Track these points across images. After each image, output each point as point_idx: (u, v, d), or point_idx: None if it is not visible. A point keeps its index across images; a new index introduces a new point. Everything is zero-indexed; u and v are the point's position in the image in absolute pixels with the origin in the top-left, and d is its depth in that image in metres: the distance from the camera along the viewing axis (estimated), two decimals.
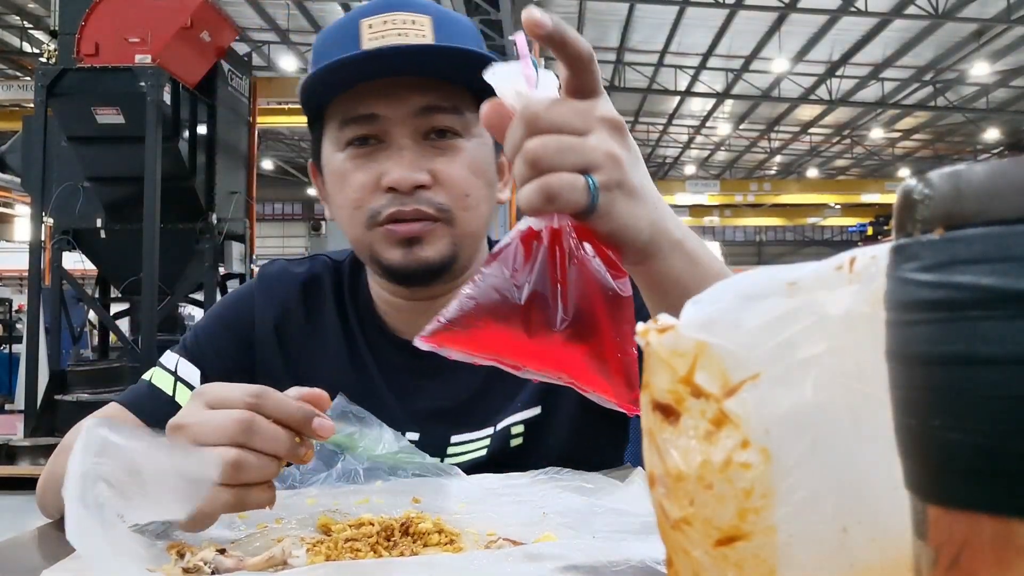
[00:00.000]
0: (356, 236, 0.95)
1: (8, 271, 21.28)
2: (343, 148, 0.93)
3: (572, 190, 0.57)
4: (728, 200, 23.40)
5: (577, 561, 0.56)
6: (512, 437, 0.98)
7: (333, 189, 0.97)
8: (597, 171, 0.58)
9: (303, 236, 29.81)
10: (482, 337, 0.58)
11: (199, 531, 0.67)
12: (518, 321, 0.57)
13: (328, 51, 0.91)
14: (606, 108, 0.61)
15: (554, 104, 0.59)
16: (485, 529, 0.70)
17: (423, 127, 0.91)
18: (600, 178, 0.58)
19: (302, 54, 16.05)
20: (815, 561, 0.35)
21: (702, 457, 0.35)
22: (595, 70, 0.60)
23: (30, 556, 0.72)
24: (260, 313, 1.04)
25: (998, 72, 16.34)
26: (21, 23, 14.89)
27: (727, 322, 0.36)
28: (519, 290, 0.57)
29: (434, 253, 0.92)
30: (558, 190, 0.57)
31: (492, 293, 0.57)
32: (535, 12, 0.57)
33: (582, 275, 0.58)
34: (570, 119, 0.58)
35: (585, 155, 0.58)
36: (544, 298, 0.58)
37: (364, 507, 0.76)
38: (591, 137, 0.59)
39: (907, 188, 0.29)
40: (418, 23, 0.91)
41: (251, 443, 0.66)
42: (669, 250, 0.62)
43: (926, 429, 0.27)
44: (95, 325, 8.30)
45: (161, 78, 5.94)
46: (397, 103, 0.90)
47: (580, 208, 0.57)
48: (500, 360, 0.58)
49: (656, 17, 14.29)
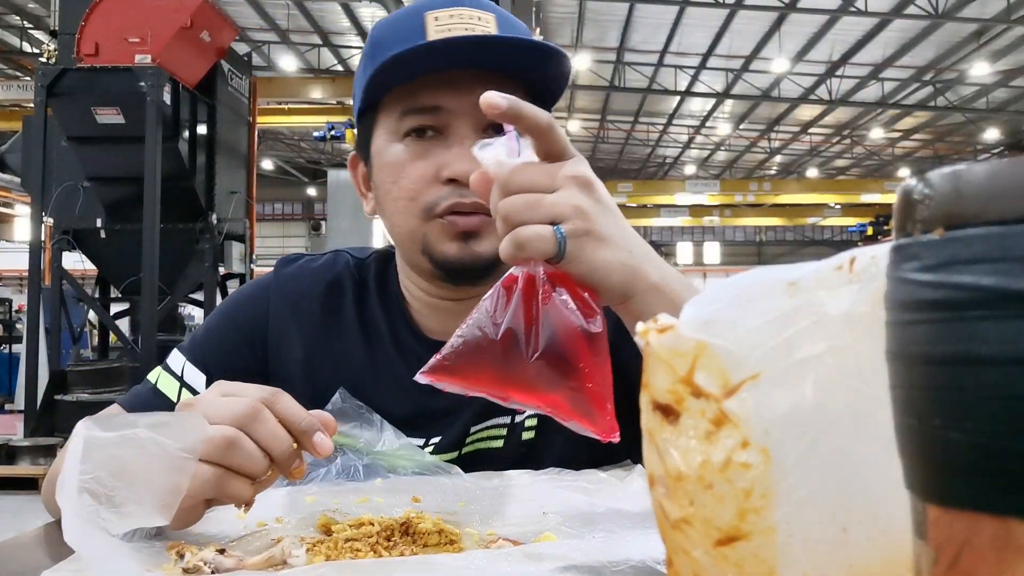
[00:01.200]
0: (410, 228, 0.94)
1: (8, 271, 21.30)
2: (401, 139, 0.93)
3: (539, 239, 0.65)
4: (728, 200, 23.39)
5: (577, 561, 0.56)
6: (525, 430, 0.98)
7: (385, 180, 0.95)
8: (564, 222, 0.66)
9: (303, 236, 29.83)
10: (471, 373, 0.66)
11: (185, 525, 0.68)
12: (498, 355, 0.65)
13: (391, 42, 0.91)
14: (574, 167, 0.68)
15: (524, 167, 0.68)
16: (485, 529, 0.70)
17: (484, 121, 0.90)
18: (567, 227, 0.66)
19: (302, 54, 16.06)
20: (815, 561, 0.35)
21: (702, 457, 0.35)
22: (558, 135, 0.69)
23: (30, 556, 0.72)
24: (275, 312, 1.02)
25: (998, 72, 16.34)
26: (21, 23, 14.90)
27: (727, 322, 0.36)
28: (496, 328, 0.66)
29: (489, 248, 0.91)
30: (526, 239, 0.65)
31: (476, 332, 0.66)
32: (491, 95, 0.66)
33: (551, 313, 0.66)
34: (538, 179, 0.67)
35: (551, 208, 0.66)
36: (516, 334, 0.65)
37: (364, 506, 0.76)
38: (558, 193, 0.67)
39: (907, 188, 0.29)
40: (484, 19, 0.91)
41: (251, 431, 0.67)
42: (645, 292, 0.68)
43: (926, 429, 0.27)
44: (95, 325, 8.31)
45: (161, 78, 5.95)
46: (461, 95, 0.90)
47: (549, 254, 0.65)
48: (489, 393, 0.66)
49: (656, 17, 14.30)
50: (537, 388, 0.66)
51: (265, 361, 1.02)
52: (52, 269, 6.48)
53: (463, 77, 0.90)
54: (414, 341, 1.01)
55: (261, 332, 1.02)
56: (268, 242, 27.80)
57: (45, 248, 6.56)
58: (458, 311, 0.95)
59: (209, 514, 0.71)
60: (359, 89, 0.95)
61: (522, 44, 0.90)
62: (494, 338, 0.65)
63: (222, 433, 0.66)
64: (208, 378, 0.99)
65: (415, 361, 0.99)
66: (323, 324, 1.02)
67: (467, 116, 0.91)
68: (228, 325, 1.04)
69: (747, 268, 0.41)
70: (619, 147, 23.77)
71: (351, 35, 15.44)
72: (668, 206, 24.83)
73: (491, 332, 0.66)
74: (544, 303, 0.66)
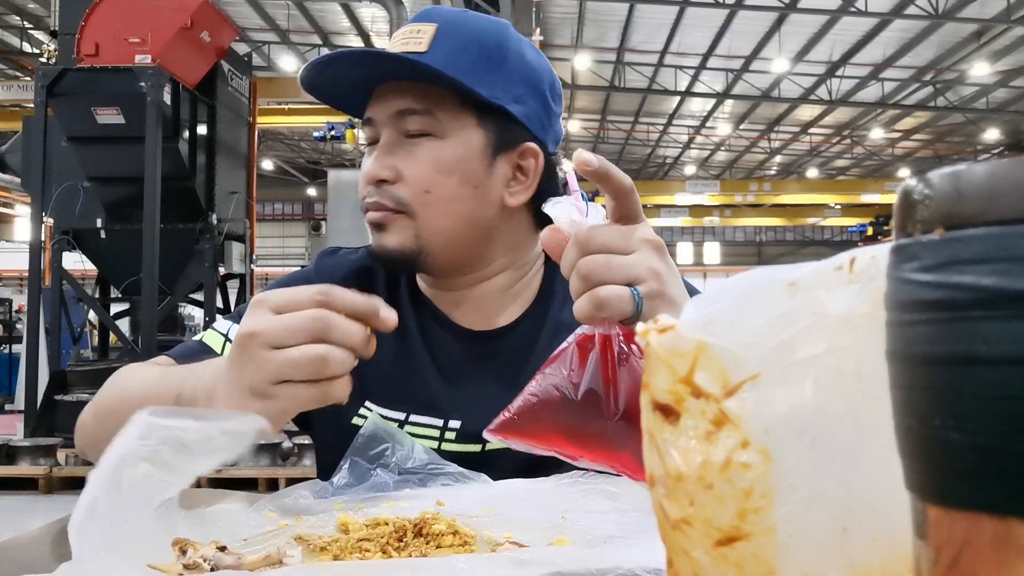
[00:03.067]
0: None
1: (8, 271, 21.30)
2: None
3: (620, 300, 0.68)
4: (728, 200, 23.40)
5: (563, 568, 0.56)
6: None
7: None
8: (641, 283, 0.69)
9: (303, 236, 29.84)
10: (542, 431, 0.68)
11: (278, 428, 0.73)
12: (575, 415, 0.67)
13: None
14: (647, 231, 0.72)
15: (602, 228, 0.71)
16: (504, 532, 0.70)
17: (400, 128, 0.98)
18: (643, 289, 0.69)
19: (302, 54, 16.05)
20: (815, 561, 0.35)
21: (702, 457, 0.35)
22: (636, 199, 0.72)
23: (30, 556, 0.72)
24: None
25: (998, 72, 16.34)
26: (21, 23, 14.90)
27: (727, 322, 0.36)
28: (575, 388, 0.67)
29: (394, 242, 0.98)
30: (607, 299, 0.68)
31: (552, 391, 0.68)
32: (584, 154, 0.69)
33: (631, 374, 0.67)
34: (616, 240, 0.71)
35: (630, 270, 0.69)
36: (597, 395, 0.67)
37: (390, 510, 0.76)
38: (635, 255, 0.70)
39: (907, 188, 0.29)
40: (422, 31, 0.97)
41: (331, 338, 0.70)
42: None
43: (926, 429, 0.27)
44: (95, 325, 8.31)
45: (161, 78, 5.95)
46: (382, 106, 0.99)
47: (627, 315, 0.68)
48: (559, 452, 0.69)
49: (656, 17, 14.30)
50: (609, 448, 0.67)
51: None
52: (52, 269, 6.48)
53: (387, 90, 0.98)
54: (437, 327, 1.06)
55: None
56: (268, 242, 27.81)
57: (45, 248, 6.56)
58: (458, 300, 1.05)
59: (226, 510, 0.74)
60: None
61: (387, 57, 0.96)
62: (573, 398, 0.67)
63: (314, 352, 0.69)
64: None
65: (439, 347, 1.06)
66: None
67: (386, 126, 0.98)
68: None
69: (747, 268, 0.41)
70: (619, 147, 23.77)
71: (351, 35, 15.44)
72: (668, 206, 24.83)
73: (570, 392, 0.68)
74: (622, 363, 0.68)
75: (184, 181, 6.35)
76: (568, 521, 0.72)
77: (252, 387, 0.72)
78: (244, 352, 0.72)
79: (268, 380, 0.71)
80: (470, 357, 1.04)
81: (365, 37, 15.16)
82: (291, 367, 0.70)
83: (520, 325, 1.04)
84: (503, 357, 1.02)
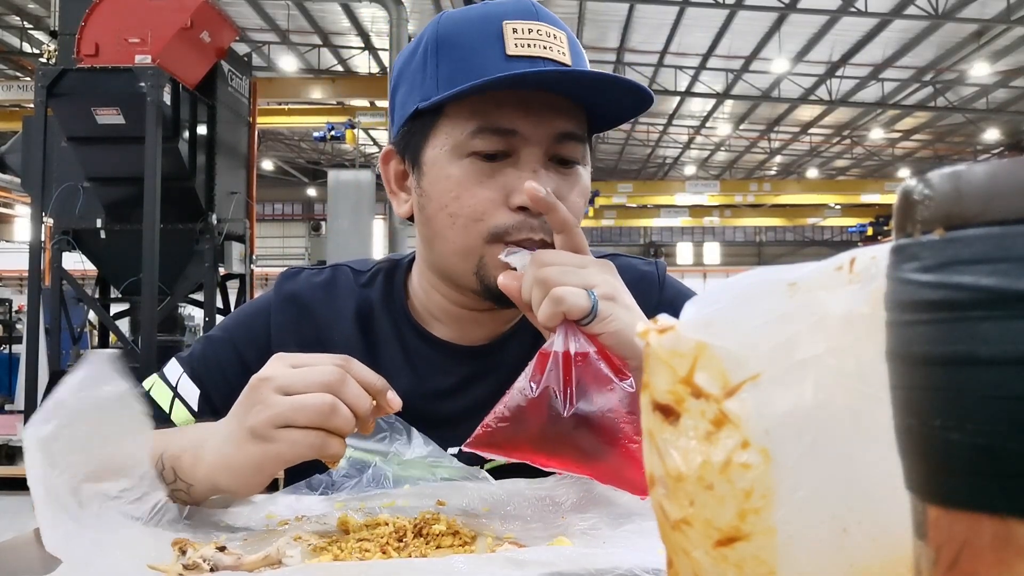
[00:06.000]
0: (466, 246, 0.90)
1: (8, 271, 21.28)
2: (465, 155, 0.89)
3: (575, 295, 0.74)
4: (728, 200, 23.37)
5: (563, 568, 0.56)
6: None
7: (441, 193, 0.91)
8: (595, 287, 0.75)
9: (303, 236, 29.80)
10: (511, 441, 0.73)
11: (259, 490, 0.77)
12: (537, 417, 0.72)
13: (470, 44, 0.88)
14: (595, 258, 0.81)
15: (556, 250, 0.81)
16: (504, 531, 0.70)
17: (552, 151, 0.89)
18: (598, 291, 0.75)
19: (302, 54, 16.05)
20: (815, 561, 0.35)
21: (702, 458, 0.35)
22: (580, 234, 0.81)
23: (30, 556, 0.72)
24: (277, 331, 1.01)
25: (998, 72, 16.33)
26: (21, 23, 14.88)
27: (727, 322, 0.36)
28: (534, 389, 0.73)
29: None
30: (563, 295, 0.74)
31: (516, 395, 0.73)
32: (535, 184, 0.80)
33: (587, 372, 0.73)
34: (569, 258, 0.79)
35: (584, 277, 0.76)
36: (553, 390, 0.73)
37: (389, 509, 0.76)
38: (587, 269, 0.77)
39: (907, 188, 0.29)
40: (558, 38, 0.90)
41: (343, 394, 0.73)
42: None
43: (926, 429, 0.27)
44: (95, 325, 8.30)
45: (161, 78, 5.94)
46: (538, 123, 0.87)
47: (584, 309, 0.74)
48: (530, 460, 0.73)
49: (656, 17, 14.28)
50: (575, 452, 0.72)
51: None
52: (52, 269, 6.47)
53: (539, 102, 0.87)
54: (420, 342, 1.01)
55: (261, 352, 0.97)
56: (268, 242, 27.80)
57: (45, 248, 6.56)
58: (483, 321, 1.00)
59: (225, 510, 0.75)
60: (418, 86, 0.91)
61: (615, 82, 0.88)
62: (532, 396, 0.72)
63: (322, 400, 0.71)
64: (202, 393, 0.98)
65: (423, 363, 0.99)
66: (325, 339, 1.01)
67: (539, 146, 0.88)
68: (226, 344, 1.02)
69: (747, 268, 0.41)
70: (619, 147, 23.76)
71: (351, 35, 15.43)
72: (668, 206, 24.80)
73: (529, 392, 0.73)
74: (578, 363, 0.73)
75: (184, 181, 6.34)
76: (568, 521, 0.72)
77: (253, 428, 0.73)
78: (254, 394, 0.74)
79: (271, 423, 0.72)
80: (463, 377, 0.99)
81: (365, 37, 15.16)
82: (297, 410, 0.71)
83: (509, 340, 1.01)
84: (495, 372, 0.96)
